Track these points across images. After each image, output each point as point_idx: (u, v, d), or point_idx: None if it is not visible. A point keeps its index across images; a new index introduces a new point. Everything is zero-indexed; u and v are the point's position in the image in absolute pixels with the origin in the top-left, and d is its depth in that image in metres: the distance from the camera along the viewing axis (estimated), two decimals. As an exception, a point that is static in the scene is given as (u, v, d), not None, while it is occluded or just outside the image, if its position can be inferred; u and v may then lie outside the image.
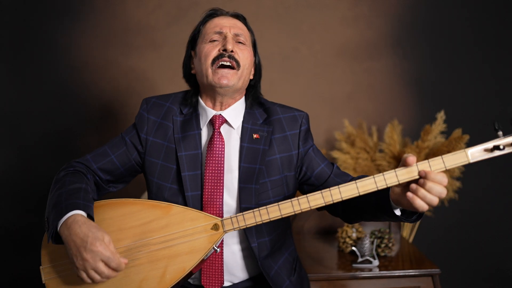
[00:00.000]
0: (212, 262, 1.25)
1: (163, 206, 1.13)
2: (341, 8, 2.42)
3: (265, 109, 1.33)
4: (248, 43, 1.31)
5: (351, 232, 1.93)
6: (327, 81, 2.45)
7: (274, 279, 1.26)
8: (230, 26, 1.28)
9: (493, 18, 2.45)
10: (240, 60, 1.24)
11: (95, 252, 1.00)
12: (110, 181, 1.31)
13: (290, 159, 1.28)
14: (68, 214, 1.06)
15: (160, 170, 1.27)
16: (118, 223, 1.13)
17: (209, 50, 1.24)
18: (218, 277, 1.25)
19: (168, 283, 1.07)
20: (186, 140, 1.26)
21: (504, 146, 0.94)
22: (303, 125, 1.31)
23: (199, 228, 1.11)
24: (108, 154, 1.28)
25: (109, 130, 2.39)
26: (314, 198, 1.04)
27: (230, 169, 1.25)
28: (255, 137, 1.26)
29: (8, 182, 2.37)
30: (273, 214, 1.06)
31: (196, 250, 1.09)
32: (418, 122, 2.38)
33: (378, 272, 1.70)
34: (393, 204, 1.03)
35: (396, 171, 0.98)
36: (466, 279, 2.53)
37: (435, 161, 0.97)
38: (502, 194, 2.50)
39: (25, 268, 2.36)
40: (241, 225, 1.09)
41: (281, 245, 1.34)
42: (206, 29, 1.30)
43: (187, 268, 1.08)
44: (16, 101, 2.36)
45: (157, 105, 1.32)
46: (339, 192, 1.02)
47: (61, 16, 2.34)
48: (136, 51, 2.38)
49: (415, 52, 2.45)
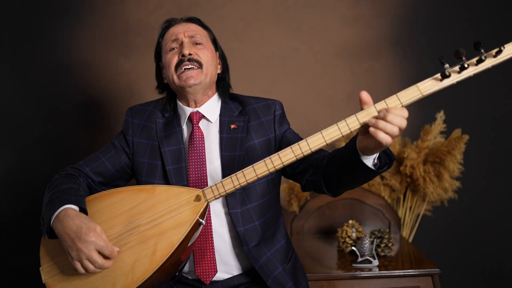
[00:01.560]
0: (203, 251, 1.29)
1: (148, 188, 1.19)
2: (341, 8, 2.42)
3: (240, 102, 1.41)
4: (205, 41, 1.38)
5: (351, 232, 1.93)
6: (327, 81, 2.45)
7: (264, 266, 1.28)
8: (184, 31, 1.36)
9: (493, 18, 2.45)
10: (201, 59, 1.33)
11: (89, 242, 1.06)
12: (102, 183, 1.38)
13: (268, 142, 1.35)
14: (59, 208, 1.12)
15: (147, 168, 1.34)
16: (108, 212, 1.18)
17: (170, 58, 1.34)
18: (211, 266, 1.29)
19: (159, 260, 1.10)
20: (169, 138, 1.35)
21: (450, 73, 0.99)
22: (277, 111, 1.38)
23: (182, 202, 1.15)
24: (99, 158, 1.37)
25: (109, 130, 2.39)
26: (285, 154, 1.07)
27: (212, 160, 1.32)
28: (233, 127, 1.34)
29: (8, 182, 2.37)
30: (249, 176, 1.10)
31: (182, 223, 1.13)
32: (418, 122, 2.38)
33: (378, 272, 1.70)
34: (361, 154, 1.05)
35: (357, 114, 1.01)
36: (466, 279, 2.53)
37: (391, 99, 1.01)
38: (501, 194, 2.50)
39: (25, 267, 2.37)
40: (221, 191, 1.13)
41: (275, 232, 1.39)
42: (165, 40, 1.40)
43: (175, 241, 1.11)
44: (16, 101, 2.36)
45: (140, 110, 1.42)
46: (307, 144, 1.05)
47: (61, 16, 2.34)
48: (136, 51, 2.38)
49: (415, 52, 2.45)
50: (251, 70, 2.41)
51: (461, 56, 0.98)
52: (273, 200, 1.39)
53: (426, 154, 2.20)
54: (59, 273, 1.16)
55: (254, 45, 2.40)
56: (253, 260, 1.27)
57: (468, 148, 2.19)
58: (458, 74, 1.00)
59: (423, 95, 1.02)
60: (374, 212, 2.17)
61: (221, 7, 2.39)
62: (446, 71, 0.98)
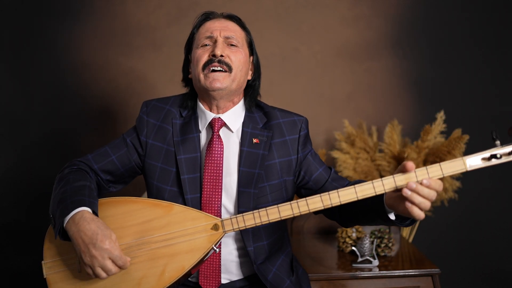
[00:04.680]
0: (210, 263, 1.25)
1: (165, 205, 1.15)
2: (341, 8, 2.42)
3: (265, 112, 1.34)
4: (241, 44, 1.30)
5: (351, 232, 1.93)
6: (327, 81, 2.45)
7: (273, 281, 1.26)
8: (220, 29, 1.28)
9: (493, 18, 2.45)
10: (232, 63, 1.25)
11: (104, 250, 1.03)
12: (110, 181, 1.32)
13: (289, 163, 1.29)
14: (75, 210, 1.08)
15: (160, 173, 1.28)
16: (119, 220, 1.14)
17: (200, 55, 1.26)
18: (215, 278, 1.26)
19: (167, 281, 1.09)
20: (185, 143, 1.27)
21: (501, 155, 0.95)
22: (303, 130, 1.31)
23: (199, 228, 1.12)
24: (109, 155, 1.29)
25: (109, 130, 2.39)
26: (313, 202, 1.05)
27: (229, 172, 1.26)
28: (255, 141, 1.27)
29: (8, 182, 2.37)
30: (272, 216, 1.07)
31: (195, 249, 1.10)
32: (418, 122, 2.38)
33: (378, 272, 1.70)
34: (387, 209, 1.04)
35: (394, 177, 0.99)
36: (466, 279, 2.53)
37: (433, 168, 0.98)
38: (501, 194, 2.50)
39: (26, 265, 2.36)
40: (241, 226, 1.10)
41: (279, 248, 1.35)
42: (199, 34, 1.31)
43: (186, 267, 1.09)
44: (16, 101, 2.36)
45: (156, 108, 1.33)
46: (338, 196, 1.03)
47: (61, 16, 2.34)
48: (136, 51, 2.38)
49: (415, 52, 2.45)
50: (251, 70, 2.41)
51: None
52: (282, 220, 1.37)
53: (426, 154, 2.20)
54: (61, 271, 1.15)
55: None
56: (262, 277, 1.25)
57: (468, 148, 2.19)
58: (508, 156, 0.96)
59: (467, 170, 0.99)
60: (374, 212, 2.17)
61: (221, 7, 2.36)
62: (498, 154, 0.95)
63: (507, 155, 0.95)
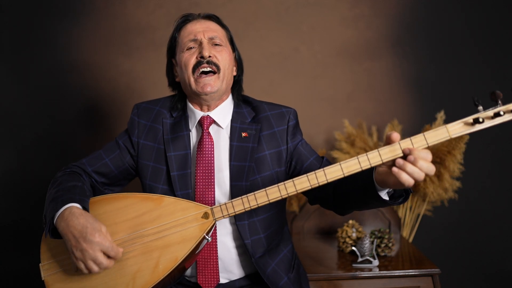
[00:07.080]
0: (207, 260, 1.26)
1: (155, 198, 1.17)
2: (341, 8, 2.42)
3: (253, 107, 1.36)
4: (224, 42, 1.33)
5: (351, 232, 1.93)
6: (327, 81, 2.45)
7: (270, 277, 1.27)
8: (203, 31, 1.30)
9: (493, 18, 2.45)
10: (220, 63, 1.28)
11: (95, 243, 1.04)
12: (105, 183, 1.34)
13: (279, 154, 1.30)
14: (64, 207, 1.09)
15: (152, 172, 1.30)
16: (112, 217, 1.16)
17: (188, 58, 1.28)
18: (213, 275, 1.27)
19: (161, 273, 1.10)
20: (175, 141, 1.30)
21: (483, 119, 0.93)
22: (291, 121, 1.33)
23: (190, 218, 1.13)
24: (102, 158, 1.32)
25: (108, 131, 2.39)
26: (300, 182, 1.05)
27: (221, 168, 1.28)
28: (244, 135, 1.29)
29: (8, 182, 2.37)
30: (261, 200, 1.08)
31: (187, 239, 1.11)
32: (418, 122, 2.38)
33: (378, 272, 1.70)
34: (378, 186, 1.04)
35: (379, 150, 0.98)
36: (466, 279, 2.53)
37: (417, 138, 0.97)
38: (502, 194, 2.50)
39: (25, 266, 2.36)
40: (230, 212, 1.11)
41: (279, 242, 1.36)
42: (181, 37, 1.33)
43: (179, 257, 1.10)
44: (16, 101, 2.36)
45: (147, 109, 1.36)
46: (324, 174, 1.03)
47: (61, 16, 2.34)
48: (136, 51, 2.38)
49: (415, 52, 2.45)
50: (251, 70, 2.40)
51: (497, 99, 0.91)
52: (279, 213, 1.36)
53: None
54: (58, 272, 1.16)
55: (254, 45, 2.40)
56: (261, 270, 1.26)
57: (468, 148, 2.19)
58: (491, 120, 0.93)
59: (451, 137, 0.97)
60: (374, 212, 2.17)
61: (221, 7, 2.39)
62: (480, 117, 0.92)
63: (490, 119, 0.92)
